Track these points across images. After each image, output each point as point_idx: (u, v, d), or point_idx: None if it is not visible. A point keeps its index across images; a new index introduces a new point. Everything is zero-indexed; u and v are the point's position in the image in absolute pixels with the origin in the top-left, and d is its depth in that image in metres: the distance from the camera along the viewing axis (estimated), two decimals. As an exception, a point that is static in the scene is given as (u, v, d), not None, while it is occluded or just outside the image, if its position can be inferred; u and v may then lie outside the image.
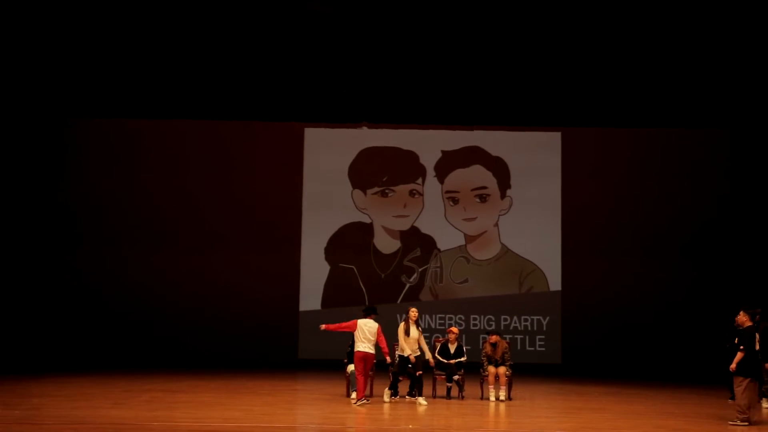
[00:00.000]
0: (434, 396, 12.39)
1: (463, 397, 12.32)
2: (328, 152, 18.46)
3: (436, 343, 12.87)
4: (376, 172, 18.47)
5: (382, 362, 12.01)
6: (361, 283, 18.20)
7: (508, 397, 12.20)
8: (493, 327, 17.44)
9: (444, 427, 10.21)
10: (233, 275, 18.10)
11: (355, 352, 11.51)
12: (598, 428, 10.00)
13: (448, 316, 18.00)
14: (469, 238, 18.34)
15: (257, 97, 17.89)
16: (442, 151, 18.48)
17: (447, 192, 18.41)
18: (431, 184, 18.41)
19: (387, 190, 18.46)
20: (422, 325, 16.52)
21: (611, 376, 16.33)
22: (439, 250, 18.28)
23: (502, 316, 18.02)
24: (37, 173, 17.95)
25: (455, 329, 12.94)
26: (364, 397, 11.40)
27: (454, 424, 10.43)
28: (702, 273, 17.82)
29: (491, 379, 12.19)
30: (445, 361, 12.44)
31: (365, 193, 18.46)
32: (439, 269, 18.25)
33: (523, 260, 18.21)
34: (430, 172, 18.42)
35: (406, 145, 18.53)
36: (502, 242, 18.29)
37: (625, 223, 18.16)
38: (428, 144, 18.47)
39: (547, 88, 17.64)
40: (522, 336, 17.96)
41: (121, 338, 17.69)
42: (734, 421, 10.04)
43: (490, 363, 12.31)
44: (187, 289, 18.03)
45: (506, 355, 12.34)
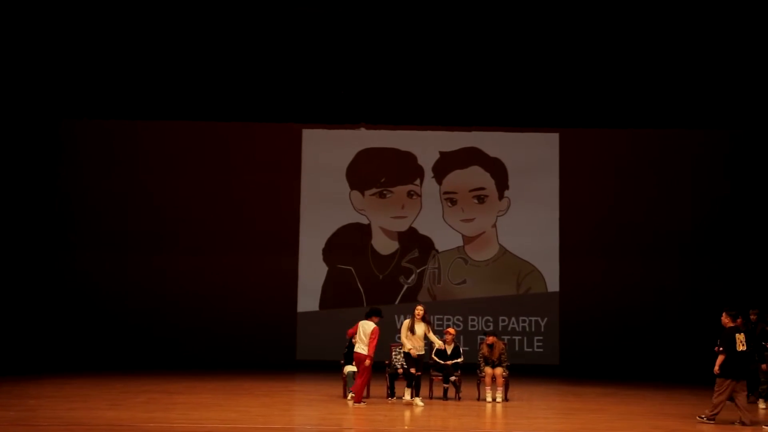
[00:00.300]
0: (431, 397, 12.38)
1: (459, 398, 12.32)
2: (326, 153, 18.47)
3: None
4: (374, 173, 18.48)
5: (379, 364, 12.01)
6: (359, 284, 18.19)
7: (505, 398, 12.20)
8: (491, 328, 17.43)
9: (440, 428, 10.22)
10: (231, 276, 18.10)
11: (354, 353, 11.53)
12: (595, 429, 9.99)
13: (446, 317, 17.99)
14: (467, 239, 18.34)
15: (255, 98, 17.90)
16: (440, 152, 18.48)
17: (445, 193, 18.41)
18: (429, 185, 18.41)
19: (385, 191, 18.46)
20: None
21: (609, 377, 16.33)
22: (437, 251, 18.28)
23: (500, 317, 18.02)
24: (35, 174, 17.93)
25: (452, 330, 12.92)
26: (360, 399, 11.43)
27: (451, 425, 10.41)
28: (700, 274, 17.82)
29: (488, 380, 12.17)
30: (442, 362, 12.43)
31: (363, 194, 18.46)
32: (437, 270, 18.25)
33: (521, 261, 18.21)
34: (428, 173, 18.42)
35: (404, 146, 18.53)
36: (500, 243, 18.29)
37: (623, 224, 18.15)
38: (426, 145, 18.47)
39: (546, 88, 17.65)
40: (520, 337, 17.96)
41: (118, 339, 17.68)
42: (702, 416, 10.18)
43: (487, 364, 12.30)
44: (186, 290, 18.04)
45: (503, 356, 12.32)
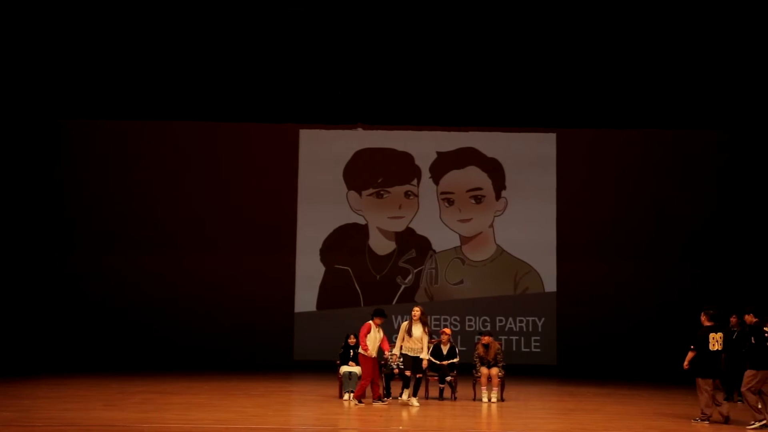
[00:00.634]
0: (427, 397, 12.38)
1: (455, 399, 12.32)
2: (323, 153, 18.48)
3: (429, 345, 12.82)
4: (371, 173, 18.49)
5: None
6: (357, 285, 18.20)
7: (501, 398, 12.20)
8: (488, 328, 17.43)
9: (436, 428, 10.20)
10: (229, 277, 18.11)
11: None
12: (590, 429, 9.98)
13: (443, 317, 17.99)
14: (465, 239, 18.35)
15: (252, 99, 17.91)
16: (437, 152, 18.49)
17: (442, 193, 18.42)
18: (426, 186, 18.43)
19: (382, 192, 18.47)
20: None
21: (606, 377, 16.34)
22: (435, 251, 18.28)
23: (498, 317, 18.02)
24: (31, 174, 17.93)
25: (448, 330, 12.91)
26: (377, 398, 11.56)
27: (447, 425, 10.42)
28: (696, 274, 17.83)
29: (483, 380, 12.17)
30: (438, 363, 12.43)
31: (360, 195, 18.47)
32: (434, 270, 18.26)
33: (519, 261, 18.22)
34: (425, 174, 18.43)
35: (401, 147, 18.55)
36: (497, 243, 18.30)
37: (620, 224, 18.17)
38: (423, 145, 18.49)
39: (543, 89, 17.65)
40: (517, 337, 17.96)
41: (115, 340, 17.70)
42: (696, 419, 10.20)
43: (483, 364, 12.29)
44: (183, 291, 18.05)
45: (499, 356, 12.31)
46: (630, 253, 18.04)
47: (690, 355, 10.30)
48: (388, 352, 11.84)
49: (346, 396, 11.94)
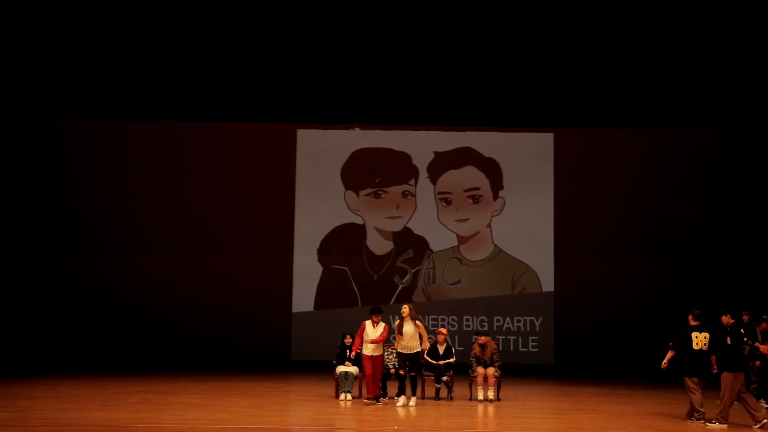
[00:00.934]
0: (423, 397, 12.38)
1: (451, 398, 12.32)
2: (321, 153, 18.48)
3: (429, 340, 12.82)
4: (368, 173, 18.48)
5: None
6: (354, 285, 18.20)
7: (497, 398, 12.20)
8: (486, 328, 17.44)
9: (432, 428, 10.21)
10: (226, 277, 18.10)
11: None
12: (585, 429, 10.00)
13: (441, 317, 17.99)
14: (462, 239, 18.35)
15: (250, 99, 17.87)
16: (435, 152, 18.49)
17: (440, 193, 18.42)
18: (424, 185, 18.42)
19: (380, 192, 18.47)
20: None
21: (604, 377, 16.32)
22: (432, 251, 18.28)
23: (495, 317, 18.02)
24: (28, 174, 17.92)
25: (444, 330, 12.93)
26: (373, 398, 11.55)
27: (443, 425, 10.42)
28: (694, 274, 17.82)
29: (480, 380, 12.17)
30: (434, 362, 12.43)
31: (358, 195, 18.47)
32: (431, 270, 18.25)
33: (516, 261, 18.22)
34: (423, 173, 18.43)
35: (398, 147, 18.54)
36: (494, 243, 18.29)
37: (617, 224, 18.16)
38: (421, 145, 18.48)
39: (540, 89, 17.62)
40: (515, 337, 17.96)
41: (112, 340, 17.68)
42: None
43: (479, 364, 12.29)
44: (181, 291, 18.04)
45: (495, 356, 12.32)
46: (628, 253, 18.04)
47: (669, 354, 10.45)
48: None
49: (343, 396, 11.94)
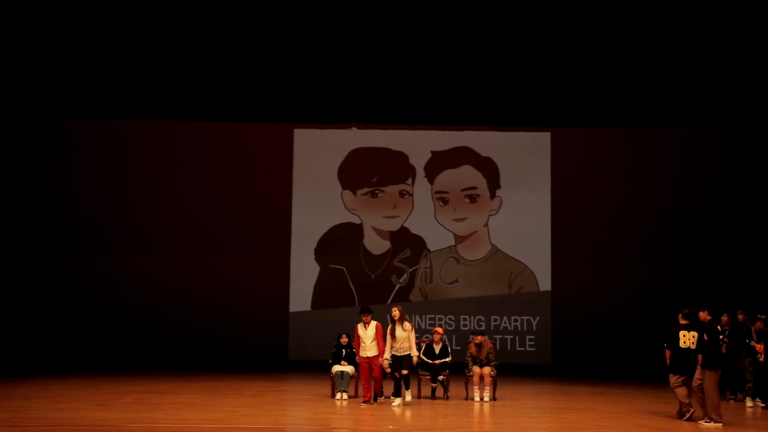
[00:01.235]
0: (419, 396, 12.38)
1: (448, 398, 12.32)
2: (318, 153, 18.47)
3: (421, 344, 12.83)
4: (365, 172, 18.48)
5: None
6: (351, 284, 18.19)
7: (493, 398, 12.19)
8: (483, 327, 17.43)
9: (428, 427, 10.21)
10: (223, 276, 18.09)
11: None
12: (580, 428, 9.99)
13: (438, 316, 17.99)
14: (459, 239, 18.34)
15: (247, 98, 17.87)
16: (432, 152, 18.48)
17: (437, 192, 18.41)
18: (421, 185, 18.41)
19: (377, 191, 18.46)
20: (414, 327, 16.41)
21: (601, 376, 16.32)
22: (429, 250, 18.27)
23: (492, 317, 18.01)
24: (24, 174, 17.91)
25: (440, 329, 12.89)
26: (369, 400, 11.50)
27: (438, 425, 10.42)
28: (691, 273, 17.78)
29: (476, 379, 12.17)
30: (430, 362, 12.43)
31: (355, 194, 18.46)
32: (429, 270, 18.25)
33: (513, 260, 18.21)
34: (420, 173, 18.42)
35: (395, 146, 18.53)
36: (491, 242, 18.29)
37: (614, 224, 18.14)
38: (418, 144, 18.47)
39: (537, 88, 17.62)
40: (512, 336, 17.96)
41: (108, 339, 17.67)
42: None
43: (475, 363, 12.28)
44: (177, 290, 18.03)
45: (491, 356, 12.31)
46: (625, 252, 18.02)
47: (668, 354, 10.59)
48: (381, 357, 11.71)
49: (339, 395, 11.93)
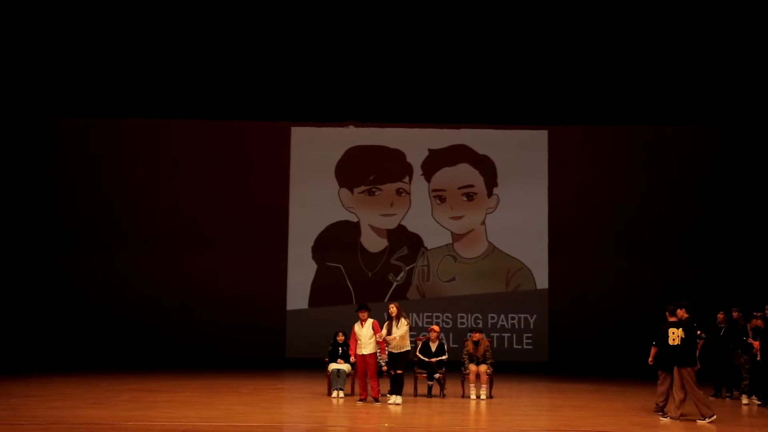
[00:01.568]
0: (415, 394, 12.36)
1: (444, 396, 12.30)
2: (315, 151, 18.47)
3: (418, 342, 12.83)
4: (362, 170, 18.48)
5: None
6: (349, 282, 18.19)
7: (489, 395, 12.19)
8: (480, 325, 17.44)
9: (424, 425, 10.19)
10: (220, 275, 18.08)
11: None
12: (576, 426, 9.99)
13: (435, 314, 18.00)
14: (456, 237, 18.34)
15: (244, 96, 17.86)
16: (429, 150, 18.48)
17: (434, 190, 18.41)
18: (418, 183, 18.41)
19: (374, 189, 18.46)
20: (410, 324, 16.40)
21: (598, 374, 16.34)
22: (426, 248, 18.27)
23: (489, 315, 18.02)
24: (22, 173, 17.91)
25: (436, 327, 12.89)
26: (365, 398, 11.49)
27: (435, 422, 10.41)
28: (689, 271, 17.78)
29: (472, 377, 12.16)
30: (426, 360, 12.42)
31: (352, 192, 18.46)
32: (426, 268, 18.25)
33: (510, 258, 18.21)
34: (417, 171, 18.42)
35: (392, 144, 18.53)
36: (489, 240, 18.29)
37: (612, 221, 18.16)
38: (415, 142, 18.47)
39: (534, 86, 17.60)
40: (509, 334, 17.97)
41: (106, 338, 17.66)
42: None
43: (472, 361, 12.28)
44: (175, 289, 18.04)
45: (487, 354, 12.30)
46: (622, 250, 18.02)
47: (653, 351, 10.72)
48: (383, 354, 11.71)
49: (335, 393, 11.93)
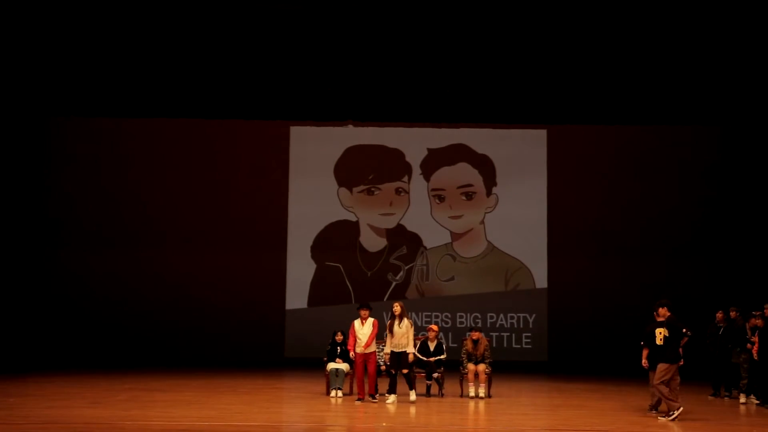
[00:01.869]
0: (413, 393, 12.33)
1: (442, 395, 12.29)
2: (314, 150, 18.46)
3: (417, 341, 12.80)
4: (362, 170, 18.47)
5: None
6: (348, 282, 18.18)
7: (488, 395, 12.18)
8: (479, 324, 17.43)
9: (423, 424, 10.17)
10: (219, 274, 18.08)
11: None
12: (575, 425, 9.97)
13: (434, 313, 17.99)
14: (456, 236, 18.33)
15: (243, 96, 17.83)
16: (428, 149, 18.47)
17: (433, 190, 18.40)
18: (417, 182, 18.40)
19: (373, 188, 18.44)
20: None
21: (597, 373, 16.32)
22: (426, 247, 18.26)
23: (489, 314, 18.01)
24: (22, 172, 17.89)
25: (435, 327, 12.87)
26: (364, 397, 11.46)
27: (433, 422, 10.40)
28: (688, 271, 17.81)
29: (471, 376, 12.14)
30: (425, 359, 12.41)
31: (351, 192, 18.44)
32: (425, 267, 18.24)
33: (510, 258, 18.20)
34: (416, 170, 18.41)
35: (391, 143, 18.53)
36: (488, 240, 18.28)
37: (611, 221, 18.15)
38: (414, 142, 18.47)
39: (533, 85, 17.58)
40: (508, 333, 17.96)
41: (105, 337, 17.67)
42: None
43: (470, 360, 12.26)
44: (174, 288, 18.03)
45: (486, 353, 12.28)
46: (621, 250, 18.02)
47: (644, 352, 10.71)
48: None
49: (333, 393, 11.92)
